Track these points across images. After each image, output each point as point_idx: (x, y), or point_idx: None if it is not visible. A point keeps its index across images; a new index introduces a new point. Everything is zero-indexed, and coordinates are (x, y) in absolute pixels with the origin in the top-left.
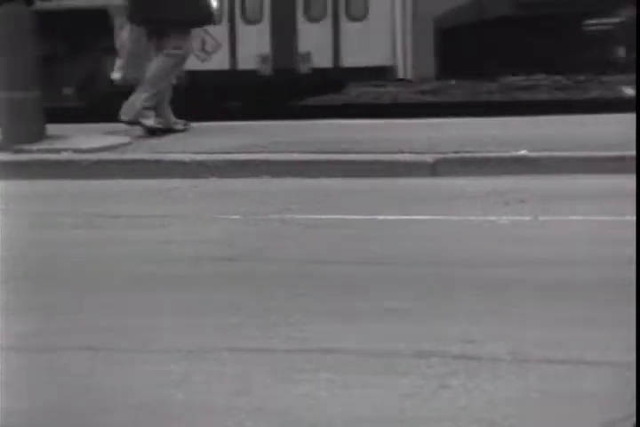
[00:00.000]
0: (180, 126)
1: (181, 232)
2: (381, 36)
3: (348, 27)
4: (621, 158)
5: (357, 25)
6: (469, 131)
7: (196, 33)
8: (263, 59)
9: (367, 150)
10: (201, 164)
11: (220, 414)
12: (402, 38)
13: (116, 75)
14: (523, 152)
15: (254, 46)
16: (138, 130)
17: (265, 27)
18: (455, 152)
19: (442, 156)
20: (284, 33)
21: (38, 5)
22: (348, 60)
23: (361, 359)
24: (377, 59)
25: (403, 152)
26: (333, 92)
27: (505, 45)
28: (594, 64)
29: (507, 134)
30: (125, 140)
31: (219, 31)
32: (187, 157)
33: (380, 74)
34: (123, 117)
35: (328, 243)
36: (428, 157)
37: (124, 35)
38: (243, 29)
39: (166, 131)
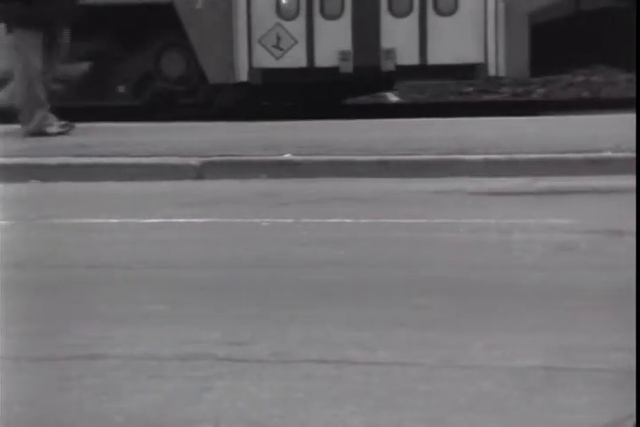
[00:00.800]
0: None
1: None
2: (472, 32)
3: (435, 22)
4: (384, 162)
5: (446, 20)
6: (239, 134)
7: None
8: (344, 56)
9: (135, 153)
10: None
11: None
12: (494, 34)
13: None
14: (287, 156)
15: (334, 42)
16: None
17: (346, 22)
18: (221, 155)
19: (207, 159)
20: (366, 28)
21: (90, 0)
22: (435, 58)
23: (127, 364)
24: (466, 56)
25: (169, 155)
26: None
27: (601, 40)
28: None
29: (276, 138)
30: None
31: (295, 26)
32: None
33: (469, 71)
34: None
35: (96, 247)
36: (194, 160)
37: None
38: (322, 25)
39: None
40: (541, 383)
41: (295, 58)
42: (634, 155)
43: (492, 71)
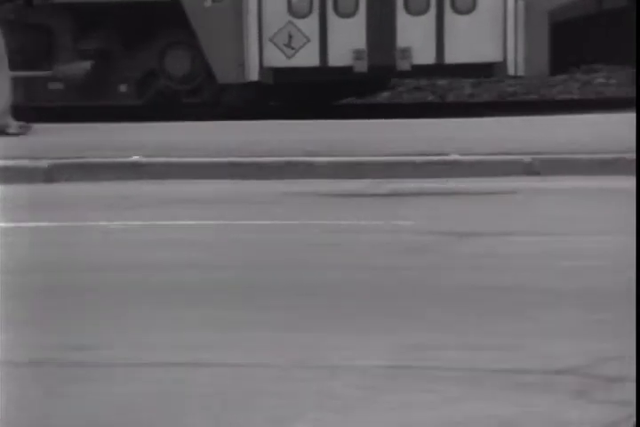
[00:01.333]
0: None
1: None
2: (490, 31)
3: (453, 20)
4: (233, 164)
5: (464, 18)
6: (90, 136)
7: None
8: (358, 54)
9: None
10: None
11: None
12: (513, 32)
13: None
14: (135, 158)
15: (348, 41)
16: None
17: (360, 20)
18: (71, 157)
19: (57, 161)
20: (381, 27)
21: None
22: (453, 57)
23: None
24: (485, 55)
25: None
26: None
27: (623, 39)
28: None
29: (125, 140)
30: None
31: (307, 24)
32: None
33: (487, 71)
34: None
35: None
36: (43, 163)
37: None
38: (335, 22)
39: None
40: (386, 382)
41: (308, 57)
42: (478, 157)
43: (510, 70)
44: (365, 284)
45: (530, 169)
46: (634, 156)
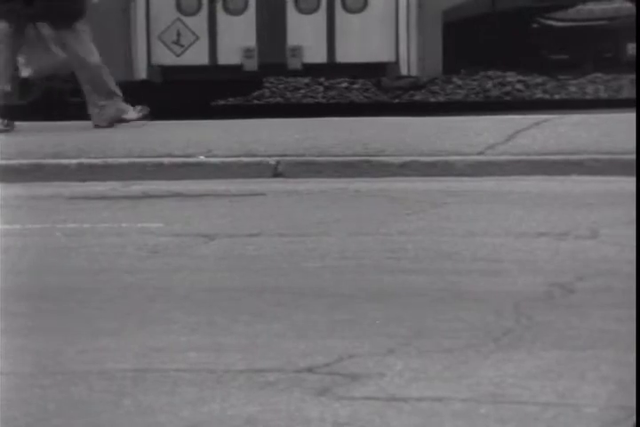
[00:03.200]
0: None
1: None
2: (382, 30)
3: (344, 19)
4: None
5: (355, 17)
6: None
7: None
8: (248, 53)
9: None
10: None
11: None
12: (406, 32)
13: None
14: None
15: (237, 39)
16: None
17: (250, 17)
18: None
19: None
20: (271, 25)
21: None
22: (344, 56)
23: None
24: (377, 54)
25: None
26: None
27: (519, 40)
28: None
29: None
30: None
31: (196, 22)
32: None
33: (380, 71)
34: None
35: None
36: None
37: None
38: (224, 20)
39: None
40: (130, 386)
41: (197, 55)
42: (224, 159)
43: (403, 70)
44: (109, 287)
45: (275, 171)
46: (380, 159)
